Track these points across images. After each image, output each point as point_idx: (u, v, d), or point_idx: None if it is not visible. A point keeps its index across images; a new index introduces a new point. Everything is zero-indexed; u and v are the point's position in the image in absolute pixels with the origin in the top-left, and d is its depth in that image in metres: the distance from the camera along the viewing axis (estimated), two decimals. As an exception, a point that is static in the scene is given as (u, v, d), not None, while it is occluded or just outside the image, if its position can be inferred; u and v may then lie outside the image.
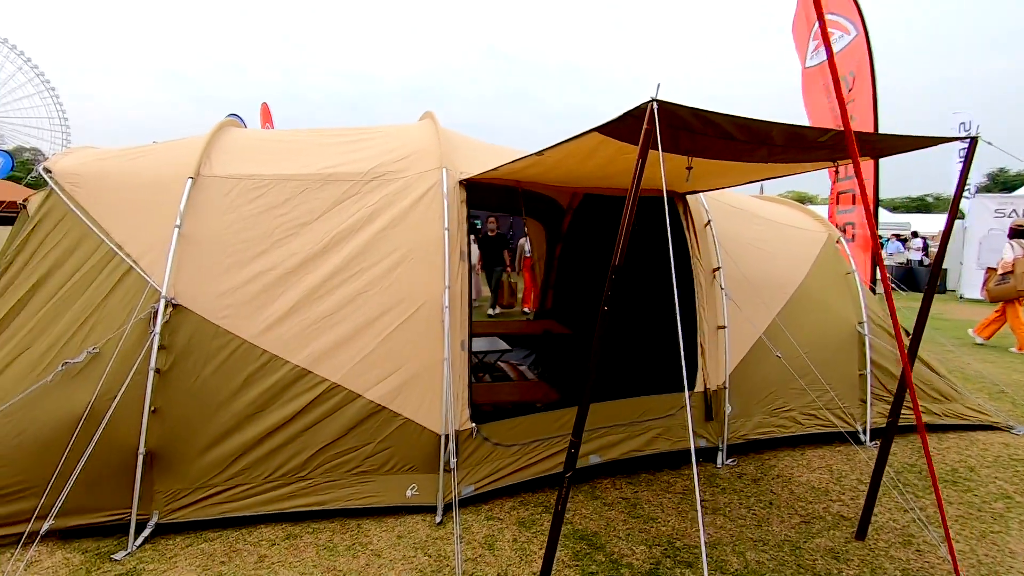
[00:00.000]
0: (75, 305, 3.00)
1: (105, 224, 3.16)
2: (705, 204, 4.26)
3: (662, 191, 2.03)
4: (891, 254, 21.80)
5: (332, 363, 3.16)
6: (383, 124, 4.57)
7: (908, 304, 13.53)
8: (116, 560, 2.68)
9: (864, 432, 4.39)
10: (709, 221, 4.21)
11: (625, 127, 1.95)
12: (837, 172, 7.41)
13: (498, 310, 9.86)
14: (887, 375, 4.55)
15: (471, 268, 3.66)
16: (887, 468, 3.89)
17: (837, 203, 7.46)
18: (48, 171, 3.23)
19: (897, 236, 23.73)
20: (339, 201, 3.48)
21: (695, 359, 4.03)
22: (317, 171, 3.54)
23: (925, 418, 4.59)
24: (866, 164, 6.89)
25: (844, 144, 2.47)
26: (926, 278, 17.15)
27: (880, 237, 24.58)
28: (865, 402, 4.44)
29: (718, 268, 4.11)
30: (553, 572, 2.67)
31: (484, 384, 4.79)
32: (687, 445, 3.87)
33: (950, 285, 17.08)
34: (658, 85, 1.70)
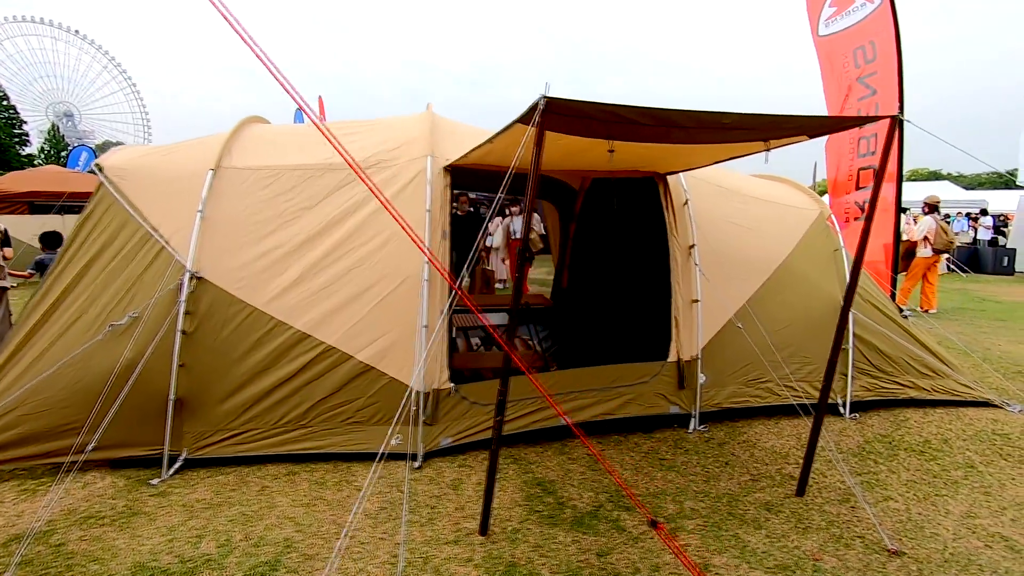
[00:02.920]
0: (120, 277, 3.62)
1: (144, 210, 3.76)
2: (684, 184, 4.46)
3: (645, 174, 2.33)
4: (957, 233, 20.53)
5: (328, 328, 3.65)
6: (390, 117, 5.00)
7: (963, 287, 12.91)
8: (152, 484, 3.29)
9: (844, 405, 4.50)
10: (687, 200, 4.41)
11: (539, 117, 2.26)
12: (858, 148, 7.27)
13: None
14: (872, 350, 4.62)
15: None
16: (859, 436, 4.05)
17: (858, 179, 7.32)
18: (99, 167, 3.86)
19: (968, 215, 22.34)
20: (338, 187, 3.95)
21: (669, 331, 4.28)
22: (320, 161, 4.02)
23: (912, 393, 4.65)
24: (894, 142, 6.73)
25: (767, 125, 2.68)
26: (993, 259, 16.23)
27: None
28: (846, 376, 4.54)
29: (693, 245, 4.32)
30: (504, 509, 3.08)
31: (472, 353, 5.20)
32: (659, 411, 4.19)
33: (1019, 267, 16.01)
34: (547, 84, 2.02)
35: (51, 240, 6.73)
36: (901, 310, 4.91)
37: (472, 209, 8.60)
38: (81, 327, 3.51)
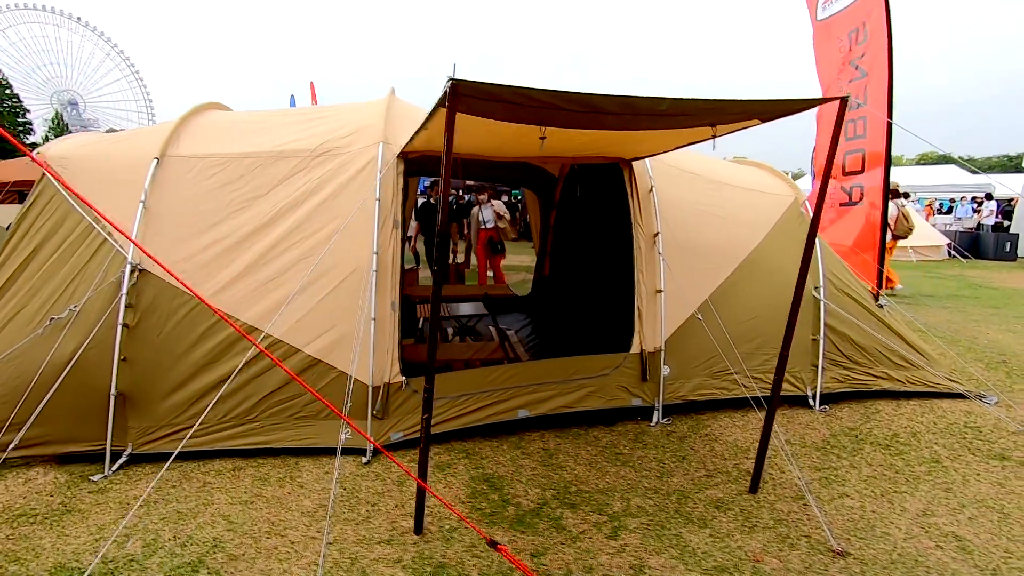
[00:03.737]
0: (62, 270, 3.54)
1: (87, 198, 3.66)
2: (650, 171, 4.31)
3: (610, 160, 2.21)
4: (959, 218, 20.19)
5: (275, 321, 3.57)
6: (353, 103, 4.86)
7: (961, 272, 12.68)
8: (93, 481, 3.23)
9: (813, 397, 4.39)
10: (652, 187, 4.27)
11: (447, 101, 2.13)
12: (845, 131, 7.06)
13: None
14: (845, 340, 4.49)
15: (406, 238, 3.94)
16: (825, 430, 3.95)
17: (844, 164, 7.12)
18: (43, 155, 3.77)
19: (973, 199, 21.94)
20: (288, 176, 3.84)
21: (631, 322, 4.17)
22: (270, 148, 3.91)
23: (886, 385, 4.53)
24: (882, 126, 6.53)
25: (708, 110, 2.54)
26: (995, 245, 15.97)
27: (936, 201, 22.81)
28: (817, 367, 4.42)
29: (657, 233, 4.19)
30: (445, 507, 3.01)
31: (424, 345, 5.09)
32: (620, 404, 4.09)
33: (1021, 252, 15.72)
34: (454, 65, 1.89)
35: None
36: (877, 299, 4.77)
37: (430, 198, 8.34)
38: (22, 321, 3.45)
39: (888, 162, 6.73)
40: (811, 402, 4.38)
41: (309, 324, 3.59)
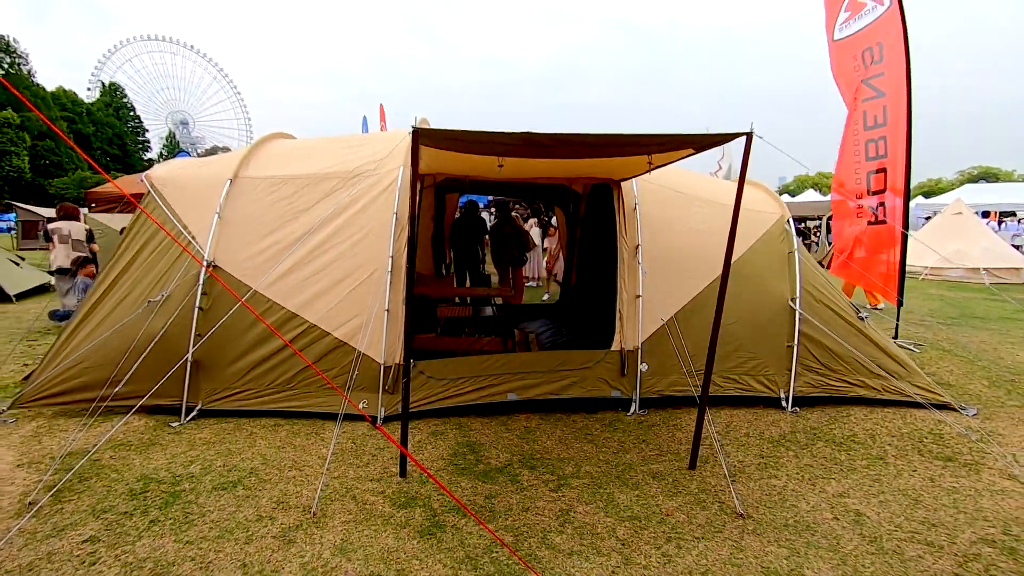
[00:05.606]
0: (158, 264, 4.61)
1: (178, 212, 4.74)
2: (635, 190, 4.88)
3: (602, 181, 2.94)
4: (1015, 235, 18.79)
5: (312, 309, 4.45)
6: (388, 131, 5.76)
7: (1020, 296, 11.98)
8: (172, 427, 4.22)
9: (787, 399, 4.74)
10: (636, 205, 4.83)
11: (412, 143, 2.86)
12: (866, 151, 7.21)
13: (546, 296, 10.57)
14: (820, 348, 4.81)
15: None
16: (787, 427, 4.34)
17: (869, 183, 7.25)
18: (148, 178, 4.89)
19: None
20: (329, 193, 4.74)
21: (613, 323, 4.73)
22: (316, 171, 4.84)
23: (861, 391, 4.80)
24: (901, 148, 6.68)
25: (632, 143, 3.14)
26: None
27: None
28: (791, 371, 4.78)
29: (638, 245, 4.74)
30: (431, 461, 3.73)
31: (431, 336, 5.82)
32: (600, 394, 4.67)
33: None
34: (415, 117, 2.63)
35: (90, 237, 8.22)
36: (858, 312, 5.03)
37: (462, 213, 8.92)
38: (128, 303, 4.53)
39: (908, 181, 6.85)
40: (784, 403, 4.73)
41: (338, 312, 4.44)
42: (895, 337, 7.12)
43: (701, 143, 3.07)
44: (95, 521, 2.93)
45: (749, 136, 3.06)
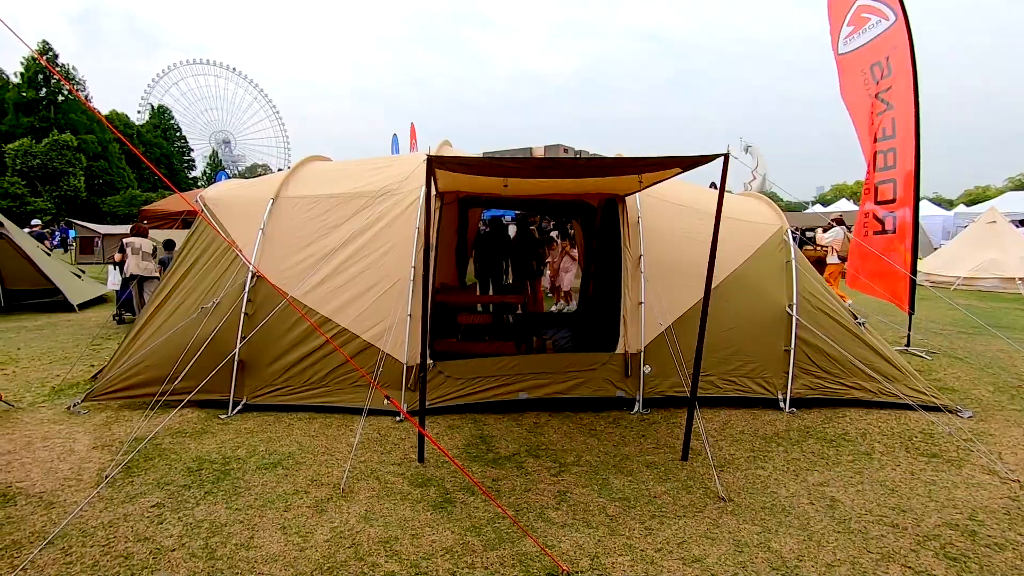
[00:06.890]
0: (210, 274, 5.20)
1: (228, 227, 5.33)
2: (639, 204, 5.26)
3: (613, 196, 3.39)
4: None
5: (343, 314, 4.95)
6: (413, 153, 6.28)
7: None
8: (220, 418, 4.76)
9: (784, 401, 5.00)
10: (639, 218, 5.20)
11: (427, 168, 3.33)
12: (875, 162, 7.40)
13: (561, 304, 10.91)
14: (816, 351, 5.06)
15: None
16: (782, 426, 4.61)
17: (876, 192, 7.43)
18: (202, 198, 5.52)
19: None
20: (359, 210, 5.27)
21: (618, 327, 5.09)
22: (347, 191, 5.38)
23: (857, 394, 5.03)
24: (910, 159, 6.86)
25: (622, 165, 3.54)
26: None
27: None
28: (788, 374, 5.03)
29: (641, 255, 5.10)
30: (447, 450, 4.14)
31: (451, 341, 6.24)
32: (605, 394, 5.03)
33: None
34: (429, 148, 3.09)
35: (169, 245, 9.06)
36: (856, 317, 5.25)
37: (487, 228, 9.43)
38: (183, 309, 5.12)
39: (917, 191, 7.02)
40: (781, 404, 4.99)
41: (366, 318, 4.93)
42: (907, 345, 7.24)
43: (684, 164, 3.44)
44: (159, 491, 3.44)
45: (726, 157, 3.42)
